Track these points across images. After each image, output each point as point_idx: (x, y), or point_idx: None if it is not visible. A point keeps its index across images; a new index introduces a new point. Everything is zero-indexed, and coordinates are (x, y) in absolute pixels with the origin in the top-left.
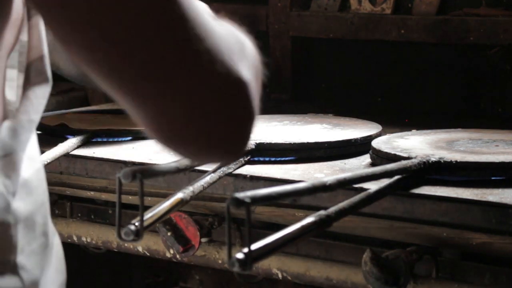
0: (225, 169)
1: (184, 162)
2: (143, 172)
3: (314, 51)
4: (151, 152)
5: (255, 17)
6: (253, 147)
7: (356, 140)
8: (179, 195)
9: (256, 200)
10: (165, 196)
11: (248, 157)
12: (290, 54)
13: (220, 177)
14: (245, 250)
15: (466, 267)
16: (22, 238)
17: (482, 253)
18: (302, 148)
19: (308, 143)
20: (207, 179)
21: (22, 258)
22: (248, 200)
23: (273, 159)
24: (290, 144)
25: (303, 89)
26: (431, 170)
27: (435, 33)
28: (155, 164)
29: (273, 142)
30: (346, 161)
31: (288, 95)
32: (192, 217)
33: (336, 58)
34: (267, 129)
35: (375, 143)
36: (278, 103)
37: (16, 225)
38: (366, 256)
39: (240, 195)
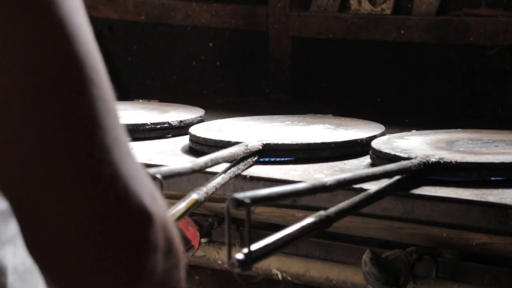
0: (235, 170)
1: (199, 162)
2: (163, 173)
3: (314, 52)
4: (152, 152)
5: (255, 17)
6: (260, 148)
7: (362, 140)
8: (194, 196)
9: (256, 201)
10: (169, 198)
11: (256, 158)
12: (290, 54)
13: (231, 178)
14: (245, 250)
15: (466, 268)
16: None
17: (482, 253)
18: (309, 149)
19: (315, 143)
20: (219, 179)
21: None
22: (248, 201)
23: (280, 159)
24: (297, 144)
25: (303, 89)
26: (431, 170)
27: (435, 33)
28: (165, 165)
29: (279, 142)
30: (345, 161)
31: (288, 95)
32: (192, 217)
33: (336, 58)
34: (271, 130)
35: (375, 144)
36: (278, 103)
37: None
38: (366, 256)
39: (240, 195)
